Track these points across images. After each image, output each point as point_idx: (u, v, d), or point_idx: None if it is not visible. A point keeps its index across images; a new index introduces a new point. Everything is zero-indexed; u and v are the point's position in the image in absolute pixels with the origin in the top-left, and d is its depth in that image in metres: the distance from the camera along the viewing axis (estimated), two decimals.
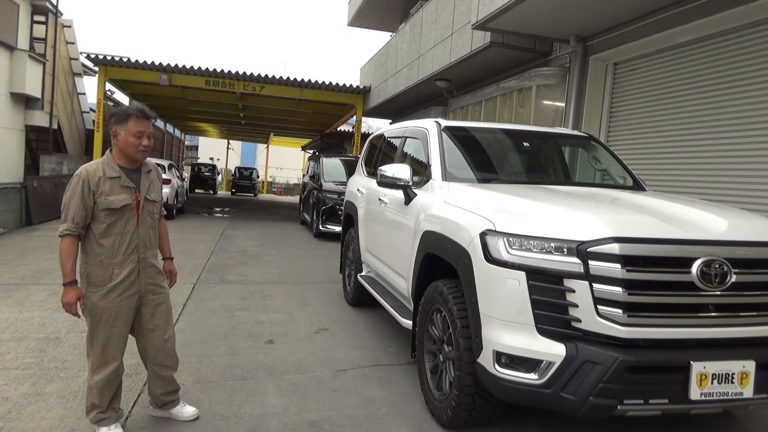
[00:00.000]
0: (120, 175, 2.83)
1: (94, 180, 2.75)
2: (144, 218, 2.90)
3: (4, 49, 13.78)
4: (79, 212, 2.73)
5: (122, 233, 2.82)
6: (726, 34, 5.81)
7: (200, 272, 7.48)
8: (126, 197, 2.82)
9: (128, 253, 2.84)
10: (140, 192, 2.89)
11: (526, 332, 2.62)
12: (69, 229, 2.73)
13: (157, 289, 3.00)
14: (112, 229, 2.80)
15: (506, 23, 7.49)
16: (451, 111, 12.69)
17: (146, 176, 2.96)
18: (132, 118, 2.80)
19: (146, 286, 2.93)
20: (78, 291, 2.76)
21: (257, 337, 4.80)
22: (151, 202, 2.96)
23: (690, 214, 2.97)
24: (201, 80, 16.07)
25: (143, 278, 2.91)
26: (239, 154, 52.25)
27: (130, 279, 2.85)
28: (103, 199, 2.76)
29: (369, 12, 17.37)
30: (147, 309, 2.97)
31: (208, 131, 37.23)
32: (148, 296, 2.96)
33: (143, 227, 2.89)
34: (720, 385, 2.51)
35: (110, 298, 2.80)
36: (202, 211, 18.44)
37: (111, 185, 2.78)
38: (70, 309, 2.74)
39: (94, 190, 2.74)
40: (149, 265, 2.94)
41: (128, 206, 2.82)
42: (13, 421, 3.04)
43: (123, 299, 2.83)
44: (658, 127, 6.74)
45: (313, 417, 3.30)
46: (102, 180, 2.77)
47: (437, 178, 3.92)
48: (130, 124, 2.80)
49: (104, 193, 2.76)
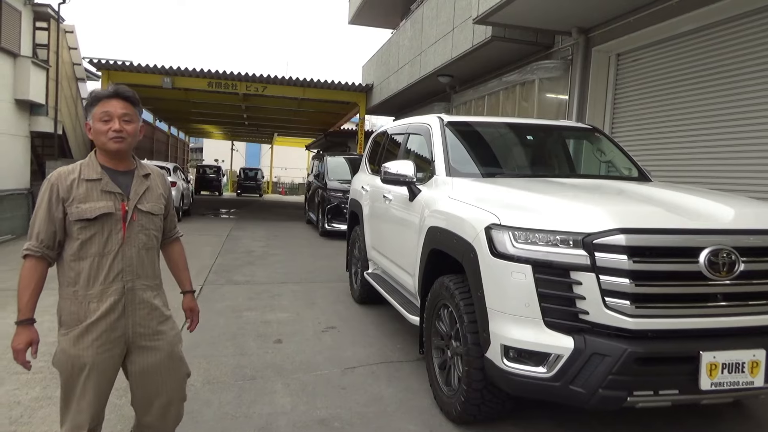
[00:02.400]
0: (101, 177, 2.12)
1: (64, 184, 2.08)
2: (134, 235, 2.14)
3: (8, 56, 13.85)
4: (44, 227, 2.06)
5: (101, 254, 2.08)
6: (728, 22, 5.76)
7: (207, 274, 7.51)
8: (106, 204, 2.09)
9: (109, 282, 2.08)
10: (129, 199, 2.15)
11: (534, 326, 2.61)
12: (30, 249, 2.05)
13: (154, 335, 2.18)
14: (88, 248, 2.07)
15: (507, 17, 7.46)
16: (454, 106, 12.67)
17: (140, 181, 2.21)
18: (100, 100, 2.12)
19: (135, 329, 2.13)
20: (30, 334, 2.05)
21: (265, 336, 4.81)
22: (146, 214, 2.19)
23: (696, 203, 2.95)
24: (203, 82, 16.11)
25: (131, 317, 2.12)
26: (243, 155, 52.33)
27: (112, 317, 2.08)
28: (75, 208, 2.06)
29: (369, 9, 17.35)
30: (137, 358, 2.16)
31: (212, 133, 37.34)
32: (138, 342, 2.14)
33: (131, 247, 2.13)
34: (730, 374, 2.49)
35: (83, 344, 2.05)
36: (207, 212, 18.50)
37: (87, 189, 2.09)
38: (17, 357, 2.04)
39: (64, 196, 2.07)
40: (140, 299, 2.15)
41: (109, 217, 2.09)
42: (24, 425, 3.06)
43: (102, 345, 2.07)
44: (662, 117, 6.70)
45: (322, 415, 3.31)
46: (75, 183, 2.09)
47: (441, 174, 3.91)
48: (95, 108, 2.12)
49: (77, 199, 2.07)
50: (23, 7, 14.45)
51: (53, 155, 15.54)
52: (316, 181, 13.77)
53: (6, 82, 13.95)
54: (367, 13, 17.81)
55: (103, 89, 2.19)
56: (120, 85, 2.22)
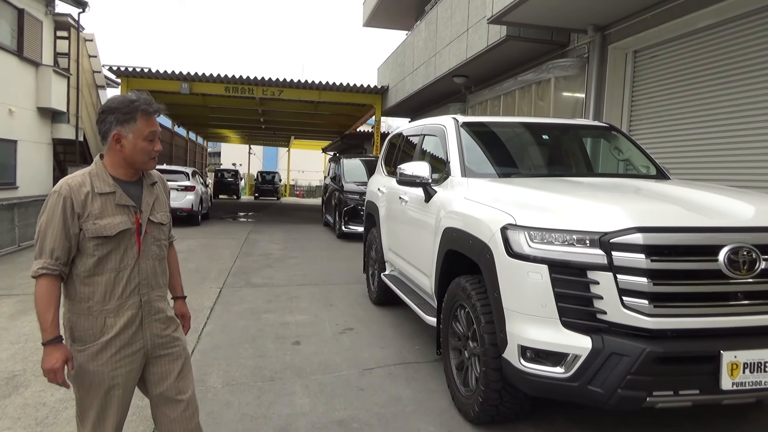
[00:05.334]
0: (115, 189, 2.05)
1: (79, 198, 1.98)
2: (148, 247, 2.12)
3: (30, 65, 14.14)
4: (60, 243, 1.97)
5: (118, 269, 2.04)
6: (747, 17, 5.67)
7: (226, 276, 7.58)
8: (123, 220, 2.04)
9: (126, 296, 2.05)
10: (142, 212, 2.10)
11: (551, 326, 2.60)
12: (47, 267, 1.96)
13: (170, 342, 2.18)
14: (105, 264, 2.02)
15: (522, 16, 7.42)
16: (469, 107, 12.64)
17: (149, 190, 2.16)
18: (140, 114, 2.04)
19: (154, 340, 2.13)
20: (65, 352, 1.97)
21: (284, 338, 4.85)
22: (157, 225, 2.16)
23: (715, 201, 2.91)
24: (221, 87, 16.30)
25: (148, 329, 2.11)
26: (261, 158, 52.75)
27: (130, 331, 2.06)
28: (92, 224, 1.99)
29: (384, 12, 17.40)
30: (157, 369, 2.15)
31: (229, 137, 37.69)
32: (157, 352, 2.14)
33: (147, 260, 2.11)
34: (752, 374, 2.46)
35: (102, 359, 2.02)
36: (226, 216, 18.67)
37: (102, 204, 2.01)
38: (54, 378, 1.95)
39: (80, 211, 1.98)
40: (156, 310, 2.14)
41: (126, 232, 2.05)
42: (49, 426, 3.13)
43: (120, 360, 2.05)
44: (681, 114, 6.61)
45: (340, 416, 3.33)
46: (90, 198, 2.00)
47: (456, 175, 3.91)
48: (139, 124, 2.03)
49: (93, 215, 1.99)
50: (44, 17, 14.76)
51: (75, 162, 15.83)
52: (332, 184, 13.82)
53: (28, 91, 14.25)
54: (381, 15, 17.87)
55: (130, 96, 2.07)
56: (147, 94, 2.12)
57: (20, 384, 3.70)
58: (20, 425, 3.13)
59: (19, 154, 13.89)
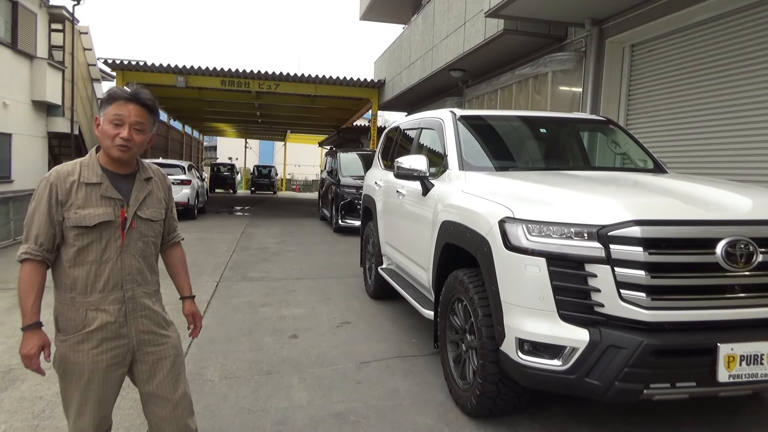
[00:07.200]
0: (102, 180, 2.02)
1: (64, 186, 1.98)
2: (133, 243, 2.07)
3: (24, 58, 14.05)
4: (44, 230, 1.97)
5: (99, 262, 2.01)
6: (745, 11, 5.67)
7: (223, 270, 7.58)
8: (105, 212, 2.00)
9: (108, 290, 2.02)
10: (128, 206, 2.06)
11: (549, 319, 2.60)
12: (30, 253, 1.97)
13: (157, 340, 2.14)
14: (85, 255, 2.00)
15: (519, 9, 7.40)
16: (466, 101, 12.61)
17: (142, 185, 2.12)
18: (116, 101, 1.99)
19: (139, 336, 2.09)
20: (42, 338, 2.01)
21: (281, 332, 4.85)
22: (146, 221, 2.11)
23: (713, 194, 2.91)
24: (217, 81, 16.22)
25: (134, 325, 2.08)
26: (257, 152, 52.62)
27: (113, 327, 2.03)
28: (73, 213, 1.97)
29: (380, 5, 17.32)
30: (143, 366, 2.12)
31: (225, 131, 37.58)
32: (144, 349, 2.11)
33: (130, 255, 2.06)
34: (749, 366, 2.47)
35: (83, 351, 2.01)
36: (222, 210, 18.64)
37: (87, 194, 1.99)
38: (30, 364, 1.98)
39: (63, 199, 1.97)
40: (142, 306, 2.10)
41: (108, 224, 2.00)
42: (46, 419, 3.12)
43: (101, 354, 2.02)
44: (678, 108, 6.61)
45: (338, 409, 3.33)
46: (75, 186, 1.99)
47: (454, 168, 3.90)
48: (109, 108, 1.99)
49: (75, 204, 1.98)
50: (39, 9, 14.65)
51: (70, 155, 15.76)
52: (329, 178, 13.80)
53: (23, 84, 14.16)
54: (378, 9, 17.79)
55: (122, 88, 2.02)
56: (142, 89, 2.06)
57: (17, 377, 3.68)
58: (17, 419, 3.12)
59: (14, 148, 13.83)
